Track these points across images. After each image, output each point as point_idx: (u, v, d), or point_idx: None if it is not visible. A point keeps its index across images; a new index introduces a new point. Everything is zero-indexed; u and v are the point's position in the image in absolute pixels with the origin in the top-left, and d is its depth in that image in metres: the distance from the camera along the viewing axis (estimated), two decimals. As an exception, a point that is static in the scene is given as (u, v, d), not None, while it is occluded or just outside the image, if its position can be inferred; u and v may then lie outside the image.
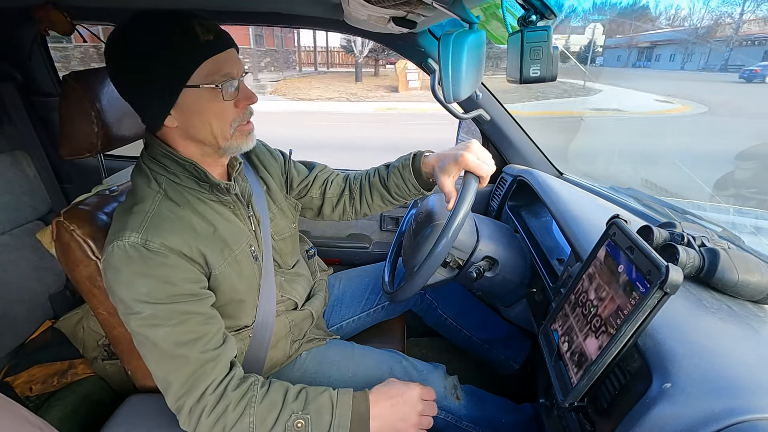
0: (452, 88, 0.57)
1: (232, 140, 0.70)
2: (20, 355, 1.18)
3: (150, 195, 0.68)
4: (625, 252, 0.53)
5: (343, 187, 1.00)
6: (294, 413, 0.65)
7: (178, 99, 0.64)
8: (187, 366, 0.63)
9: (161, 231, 0.64)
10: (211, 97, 0.65)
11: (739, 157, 1.70)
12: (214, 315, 0.68)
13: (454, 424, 0.90)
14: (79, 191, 0.89)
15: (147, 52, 0.62)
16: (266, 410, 0.64)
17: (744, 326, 0.54)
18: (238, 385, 0.66)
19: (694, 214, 0.99)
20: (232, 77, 0.66)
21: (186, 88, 0.63)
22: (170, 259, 0.64)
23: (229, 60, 0.66)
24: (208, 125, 0.67)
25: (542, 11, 0.48)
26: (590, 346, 0.53)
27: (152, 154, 0.70)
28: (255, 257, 0.78)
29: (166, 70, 0.62)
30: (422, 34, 1.16)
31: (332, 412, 0.66)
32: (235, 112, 0.68)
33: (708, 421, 0.40)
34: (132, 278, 0.62)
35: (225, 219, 0.73)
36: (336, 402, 0.67)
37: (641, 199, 1.09)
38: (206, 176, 0.69)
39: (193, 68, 0.63)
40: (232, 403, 0.63)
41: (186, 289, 0.64)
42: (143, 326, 0.63)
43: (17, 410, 0.57)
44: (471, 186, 0.73)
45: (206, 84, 0.64)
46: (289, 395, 0.67)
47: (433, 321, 1.20)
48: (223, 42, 0.66)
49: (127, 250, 0.62)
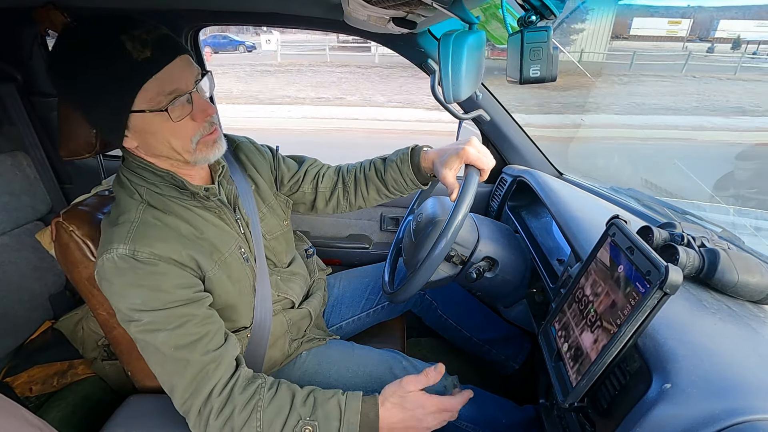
0: (452, 89, 0.57)
1: (197, 153, 0.66)
2: (20, 355, 1.18)
3: (133, 205, 0.67)
4: (625, 252, 0.53)
5: (336, 180, 0.98)
6: (302, 419, 0.64)
7: (129, 123, 0.61)
8: (189, 368, 0.63)
9: (148, 239, 0.63)
10: (161, 119, 0.60)
11: (739, 157, 1.70)
12: (212, 315, 0.68)
13: (454, 425, 0.89)
14: (79, 192, 0.89)
15: (85, 78, 0.57)
16: (273, 414, 0.64)
17: (744, 327, 0.54)
18: (244, 387, 0.65)
19: (694, 214, 0.99)
20: (181, 93, 0.61)
21: (133, 113, 0.60)
22: (160, 267, 0.63)
23: (175, 74, 0.60)
24: (167, 143, 0.64)
25: (542, 11, 0.48)
26: (591, 346, 0.53)
27: (129, 166, 0.69)
28: (246, 259, 0.77)
29: (108, 96, 0.58)
30: (422, 35, 1.16)
31: (340, 419, 0.65)
32: (194, 126, 0.64)
33: (708, 422, 0.40)
34: (125, 289, 0.62)
35: (211, 224, 0.73)
36: (344, 408, 0.66)
37: (641, 200, 1.09)
38: (185, 185, 0.68)
39: (134, 93, 0.58)
40: (238, 407, 0.63)
41: (180, 295, 0.64)
42: (143, 332, 0.63)
43: (17, 411, 0.57)
44: (473, 178, 0.74)
45: (152, 108, 0.59)
46: (296, 399, 0.66)
47: (433, 321, 1.20)
48: (165, 54, 0.59)
49: (116, 263, 0.62)
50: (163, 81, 0.59)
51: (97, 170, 1.19)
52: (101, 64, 0.57)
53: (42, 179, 1.31)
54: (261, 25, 1.26)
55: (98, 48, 0.57)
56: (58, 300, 1.31)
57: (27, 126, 1.26)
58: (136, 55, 0.57)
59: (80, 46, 0.58)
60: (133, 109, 0.59)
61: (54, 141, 1.34)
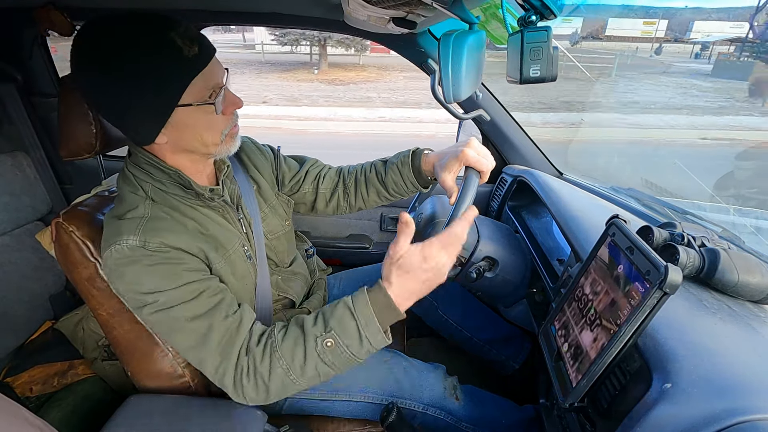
0: (452, 89, 0.57)
1: (222, 146, 0.70)
2: (20, 355, 1.18)
3: (139, 201, 0.68)
4: (625, 252, 0.53)
5: (337, 181, 0.98)
6: (318, 337, 0.63)
7: (170, 118, 0.63)
8: (212, 335, 0.63)
9: (159, 231, 0.64)
10: (203, 111, 0.64)
11: (739, 157, 1.71)
12: (224, 288, 0.69)
13: (454, 425, 0.90)
14: (79, 192, 0.89)
15: (131, 72, 0.58)
16: (291, 348, 0.63)
17: (744, 326, 0.54)
18: (258, 340, 0.65)
19: (694, 214, 0.99)
20: (220, 86, 0.64)
21: (178, 107, 0.62)
22: (171, 254, 0.64)
23: (215, 69, 0.64)
24: (199, 137, 0.66)
25: (542, 11, 0.48)
26: (591, 345, 0.53)
27: (136, 162, 0.70)
28: (249, 257, 0.78)
29: (156, 92, 0.60)
30: (422, 35, 1.16)
31: (354, 317, 0.62)
32: (225, 120, 0.67)
33: (708, 422, 0.40)
34: (137, 276, 0.63)
35: (215, 222, 0.73)
36: (353, 306, 0.63)
37: (641, 200, 1.09)
38: (190, 184, 0.69)
39: (184, 87, 0.60)
40: (257, 357, 0.63)
41: (191, 276, 0.65)
42: (157, 312, 0.63)
43: (17, 411, 0.57)
44: (472, 180, 0.74)
45: (199, 102, 0.62)
46: (306, 325, 0.65)
47: (434, 321, 1.20)
48: (208, 51, 0.63)
49: (126, 253, 0.62)
50: (207, 76, 0.62)
51: (97, 170, 1.19)
52: (153, 60, 0.58)
53: (42, 179, 1.32)
54: (261, 25, 1.26)
55: (149, 44, 0.58)
56: (58, 300, 1.31)
57: (27, 126, 1.26)
58: (186, 51, 0.59)
59: (127, 42, 0.58)
60: (180, 103, 0.61)
61: (54, 141, 1.34)
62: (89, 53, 0.60)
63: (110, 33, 0.59)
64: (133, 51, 0.58)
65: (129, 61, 0.58)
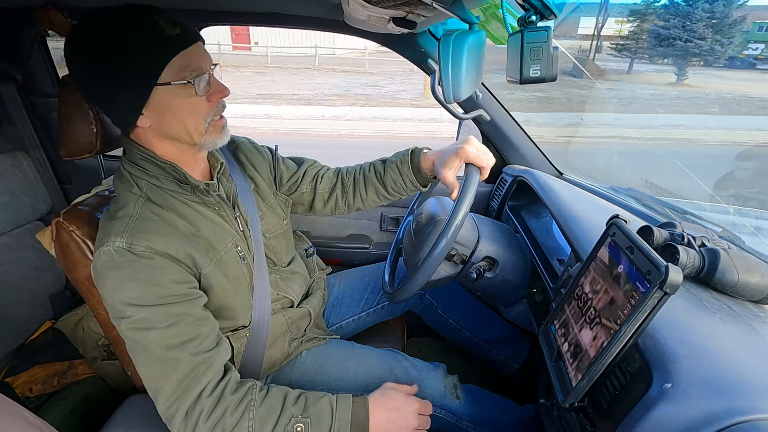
0: (452, 89, 0.57)
1: (207, 136, 0.69)
2: (20, 355, 1.18)
3: (132, 199, 0.67)
4: (625, 252, 0.53)
5: (335, 182, 0.99)
6: (294, 417, 0.64)
7: (150, 98, 0.63)
8: (178, 369, 0.62)
9: (146, 234, 0.63)
10: (183, 93, 0.64)
11: (739, 157, 1.71)
12: (206, 316, 0.68)
13: (454, 424, 0.90)
14: (79, 192, 0.89)
15: (112, 51, 0.60)
16: (265, 414, 0.64)
17: (744, 326, 0.54)
18: (235, 389, 0.65)
19: (694, 214, 0.99)
20: (203, 71, 0.65)
21: (157, 86, 0.62)
22: (156, 261, 0.63)
23: (198, 53, 0.65)
24: (181, 122, 0.66)
25: (542, 11, 0.48)
26: (590, 343, 0.53)
27: (131, 158, 0.70)
28: (242, 257, 0.77)
29: (135, 69, 0.61)
30: (422, 35, 1.16)
31: (332, 416, 0.66)
32: (208, 106, 0.68)
33: (708, 422, 0.40)
34: (120, 282, 0.62)
35: (209, 220, 0.73)
36: (336, 406, 0.67)
37: (641, 199, 1.09)
38: (186, 178, 0.69)
39: (163, 65, 0.61)
40: (230, 407, 0.62)
41: (175, 290, 0.64)
42: (134, 330, 0.62)
43: (17, 411, 0.57)
44: (473, 177, 0.74)
45: (178, 80, 0.63)
46: (288, 399, 0.66)
47: (433, 321, 1.20)
48: (190, 36, 0.65)
49: (112, 255, 0.62)
50: (188, 57, 0.63)
51: (97, 170, 1.19)
52: (135, 36, 0.60)
53: (42, 179, 1.32)
54: (261, 25, 1.26)
55: (132, 21, 0.61)
56: (58, 300, 1.31)
57: (27, 126, 1.26)
58: (168, 32, 0.61)
59: (113, 20, 0.61)
60: (160, 82, 0.62)
61: (54, 141, 1.34)
62: (77, 41, 0.63)
63: (96, 19, 0.62)
64: (119, 26, 0.61)
65: (113, 34, 0.60)
